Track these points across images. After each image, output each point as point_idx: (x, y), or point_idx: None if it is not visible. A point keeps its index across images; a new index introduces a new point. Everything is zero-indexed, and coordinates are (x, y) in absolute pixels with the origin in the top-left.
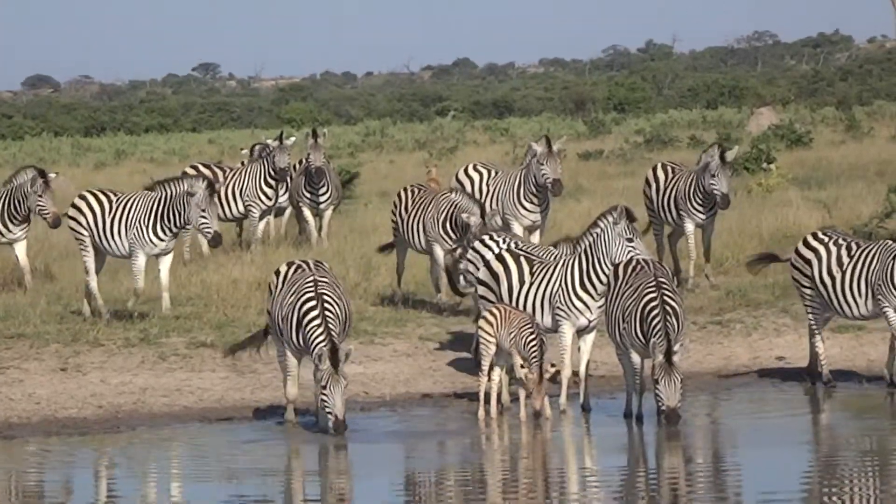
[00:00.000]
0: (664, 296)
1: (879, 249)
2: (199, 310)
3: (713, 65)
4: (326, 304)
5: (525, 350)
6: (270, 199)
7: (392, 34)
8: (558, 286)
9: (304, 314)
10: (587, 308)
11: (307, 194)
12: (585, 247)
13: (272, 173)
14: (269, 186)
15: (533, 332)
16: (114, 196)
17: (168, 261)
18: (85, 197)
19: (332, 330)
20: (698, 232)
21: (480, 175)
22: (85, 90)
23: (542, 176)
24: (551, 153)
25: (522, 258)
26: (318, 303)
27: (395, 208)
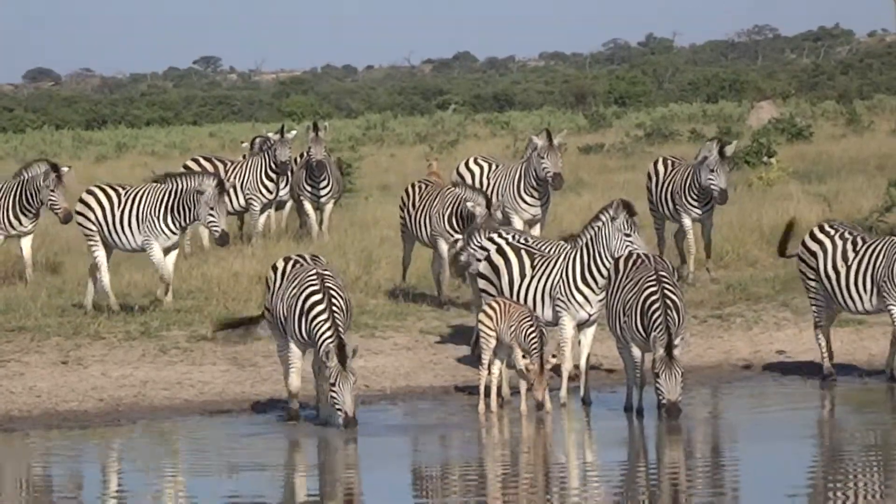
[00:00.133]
0: (665, 290)
1: (886, 246)
2: (200, 303)
3: (714, 58)
4: (333, 299)
5: (525, 342)
6: (271, 193)
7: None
8: (559, 279)
9: (310, 308)
10: (588, 301)
11: (308, 188)
12: (587, 240)
13: (273, 167)
14: (270, 180)
15: (533, 325)
16: (122, 190)
17: (174, 255)
18: (93, 192)
19: (340, 325)
20: (697, 226)
21: (481, 168)
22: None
23: (543, 169)
24: (552, 147)
25: (523, 251)
26: (324, 296)
27: (403, 204)
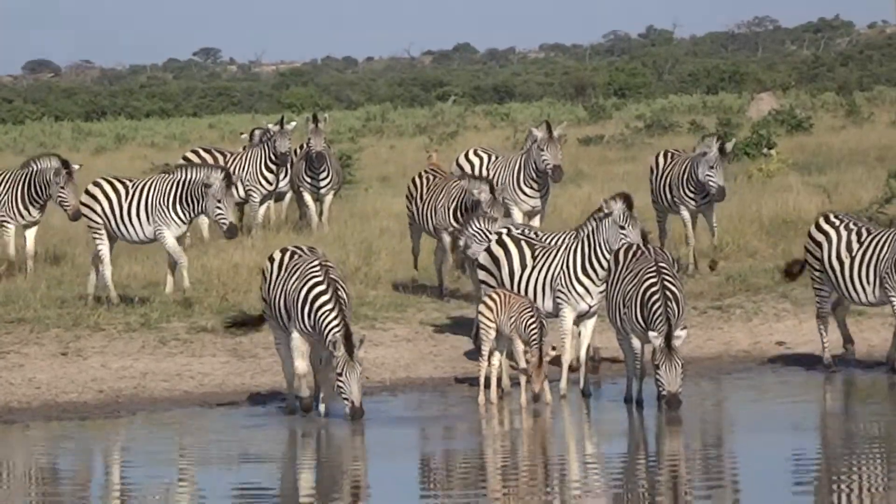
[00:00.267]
0: (664, 281)
1: (890, 237)
2: (200, 294)
3: (714, 50)
4: (337, 290)
5: (525, 333)
6: (271, 184)
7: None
8: (559, 271)
9: (314, 299)
10: (588, 293)
11: (308, 179)
12: (588, 232)
13: (273, 158)
14: (270, 171)
15: (533, 316)
16: (129, 182)
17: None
18: (99, 184)
19: (346, 315)
20: (700, 218)
21: (480, 159)
22: (85, 75)
23: (543, 162)
24: (552, 139)
25: (523, 242)
26: (328, 287)
27: (410, 195)
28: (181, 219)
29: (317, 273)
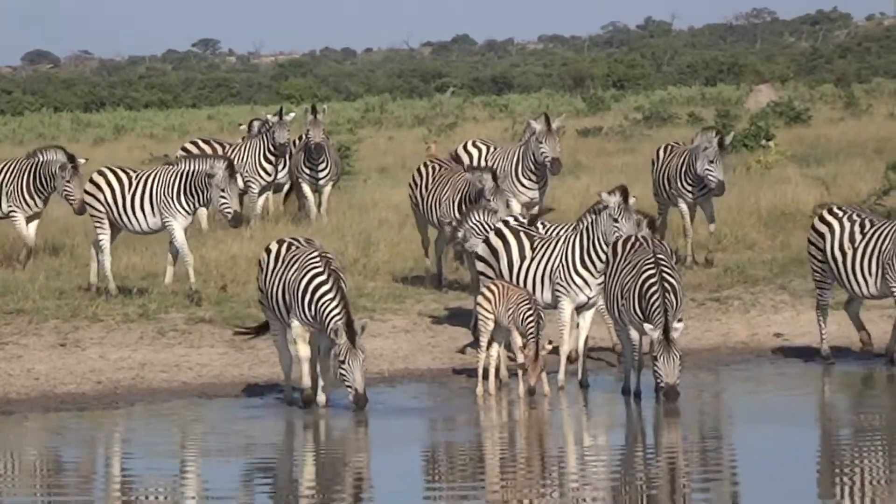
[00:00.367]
0: (663, 273)
1: (892, 229)
2: (199, 285)
3: (712, 42)
4: (339, 279)
5: (522, 326)
6: (270, 175)
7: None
8: (559, 262)
9: (315, 289)
10: (587, 285)
11: (306, 170)
12: (587, 224)
13: (272, 149)
14: (269, 162)
15: (530, 309)
16: (133, 172)
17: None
18: (104, 173)
19: (348, 303)
20: (698, 211)
21: (479, 151)
22: (84, 65)
23: (541, 154)
24: (550, 131)
25: (522, 234)
26: (329, 276)
27: (415, 184)
28: (186, 210)
29: (317, 263)
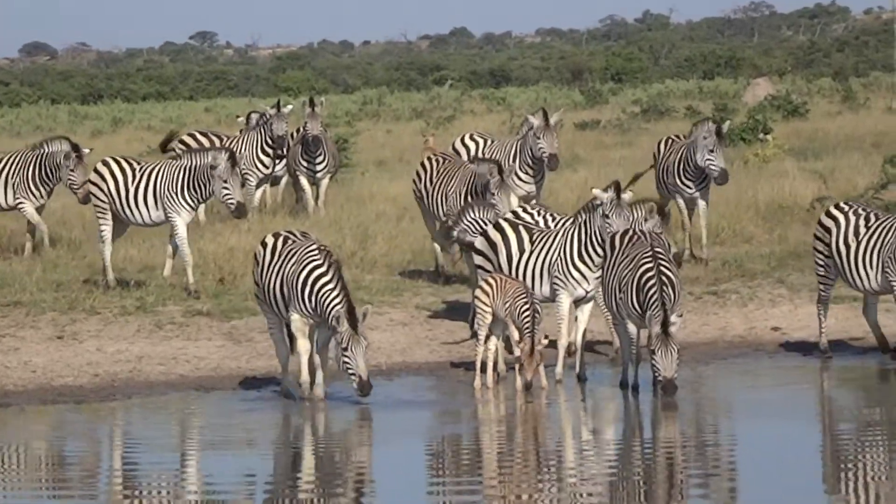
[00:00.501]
0: (660, 266)
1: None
2: (196, 278)
3: (710, 35)
4: (338, 269)
5: (518, 320)
6: (267, 168)
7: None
8: (557, 256)
9: (315, 280)
10: (584, 278)
11: (304, 163)
12: (585, 218)
13: (269, 141)
14: (266, 155)
15: (527, 302)
16: (137, 164)
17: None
18: (108, 163)
19: (348, 291)
20: (701, 204)
21: (476, 144)
22: (82, 58)
23: (539, 150)
24: (548, 127)
25: (521, 227)
26: (328, 268)
27: (420, 178)
28: (190, 205)
29: (315, 256)
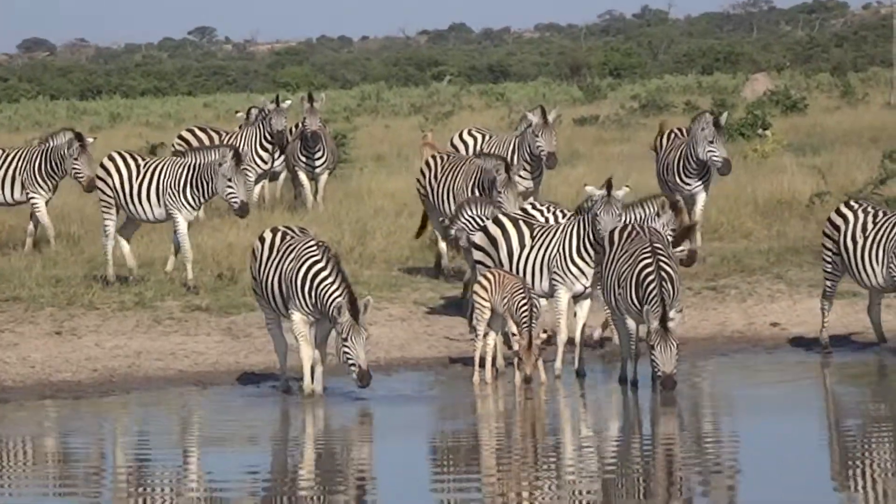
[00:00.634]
0: (659, 262)
1: None
2: (195, 273)
3: (709, 30)
4: (338, 263)
5: (516, 315)
6: (266, 163)
7: None
8: (556, 252)
9: (315, 276)
10: (583, 274)
11: (303, 158)
12: (583, 215)
13: (268, 137)
14: (265, 150)
15: (525, 297)
16: (142, 160)
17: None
18: (114, 158)
19: (349, 283)
20: (700, 200)
21: (474, 139)
22: (81, 53)
23: (537, 148)
24: (546, 124)
25: (521, 222)
26: (327, 263)
27: (425, 177)
28: (192, 204)
29: (314, 252)
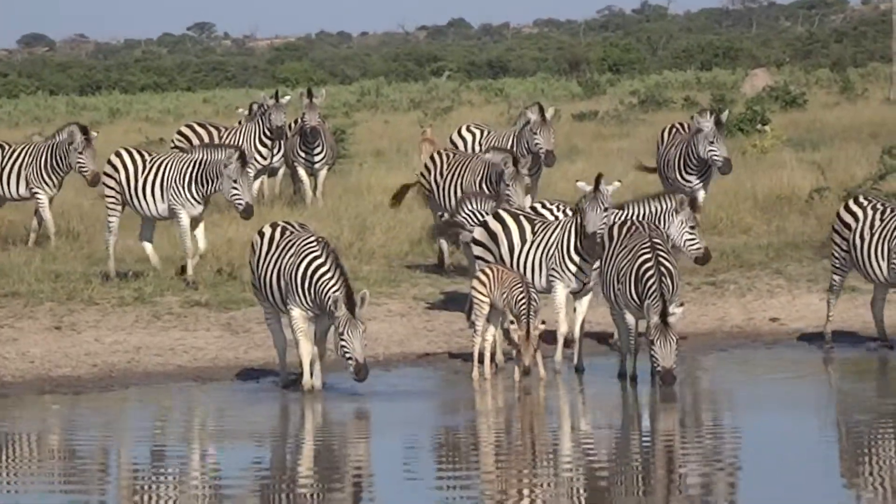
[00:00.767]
0: (659, 257)
1: None
2: (194, 268)
3: (708, 26)
4: (337, 259)
5: (515, 308)
6: (265, 159)
7: None
8: (554, 248)
9: (314, 271)
10: (580, 271)
11: (302, 154)
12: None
13: (267, 132)
14: (264, 146)
15: (523, 292)
16: (148, 156)
17: (201, 228)
18: (120, 154)
19: (347, 277)
20: (700, 196)
21: (473, 135)
22: (80, 49)
23: (535, 146)
24: (544, 122)
25: (522, 217)
26: (326, 258)
27: (429, 173)
28: (195, 199)
29: (314, 248)
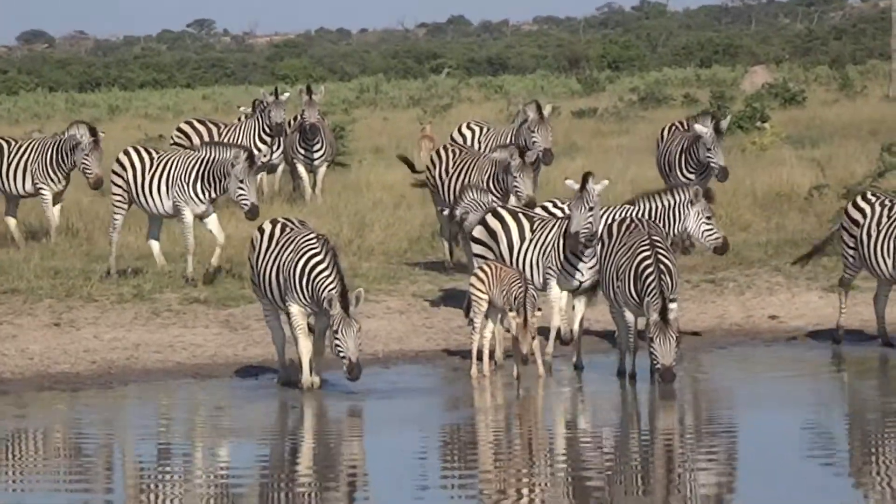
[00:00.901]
0: (658, 254)
1: None
2: (194, 264)
3: (707, 23)
4: (335, 257)
5: (513, 303)
6: (265, 156)
7: None
8: (552, 246)
9: (312, 268)
10: (577, 269)
11: (301, 151)
12: None
13: (267, 129)
14: (264, 142)
15: (521, 288)
16: (155, 154)
17: (214, 219)
18: (128, 152)
19: (343, 276)
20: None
21: (472, 132)
22: (80, 46)
23: (533, 144)
24: (542, 120)
25: (521, 215)
26: (325, 256)
27: (434, 168)
28: (200, 197)
29: (314, 245)
